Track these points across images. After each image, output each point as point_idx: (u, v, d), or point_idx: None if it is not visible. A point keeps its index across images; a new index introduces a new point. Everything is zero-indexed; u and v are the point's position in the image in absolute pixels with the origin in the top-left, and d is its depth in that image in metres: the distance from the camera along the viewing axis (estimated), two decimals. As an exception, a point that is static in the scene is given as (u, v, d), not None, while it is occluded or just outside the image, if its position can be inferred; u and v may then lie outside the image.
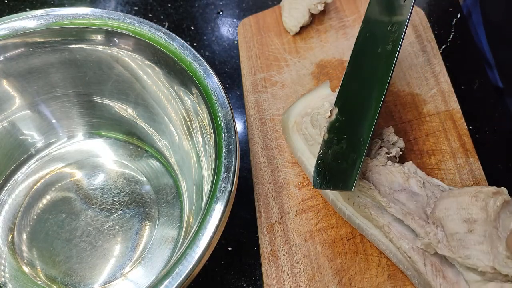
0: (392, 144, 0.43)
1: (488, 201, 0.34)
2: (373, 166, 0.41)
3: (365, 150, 0.39)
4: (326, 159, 0.42)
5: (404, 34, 0.41)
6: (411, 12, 0.41)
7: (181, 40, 0.41)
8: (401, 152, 0.43)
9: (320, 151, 0.43)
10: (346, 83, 0.44)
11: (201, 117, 0.40)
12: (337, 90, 0.45)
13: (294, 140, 0.47)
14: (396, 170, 0.41)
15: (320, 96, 0.48)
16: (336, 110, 0.43)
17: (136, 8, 0.63)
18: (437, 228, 0.36)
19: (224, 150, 0.36)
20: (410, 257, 0.38)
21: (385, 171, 0.41)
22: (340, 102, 0.44)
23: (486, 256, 0.33)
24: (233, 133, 0.36)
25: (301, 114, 0.48)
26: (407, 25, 0.41)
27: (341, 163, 0.41)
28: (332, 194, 0.44)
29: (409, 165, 0.42)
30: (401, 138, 0.44)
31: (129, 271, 0.43)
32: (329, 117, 0.43)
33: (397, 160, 0.43)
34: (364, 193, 0.41)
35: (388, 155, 0.42)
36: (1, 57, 0.42)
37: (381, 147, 0.43)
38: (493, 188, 0.35)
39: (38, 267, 0.43)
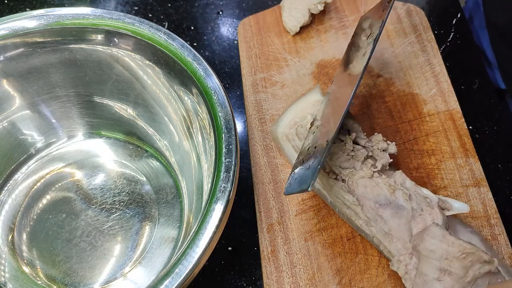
0: (383, 151, 0.42)
1: (474, 264, 0.34)
2: (359, 179, 0.41)
3: (327, 149, 0.38)
4: (296, 166, 0.42)
5: (380, 33, 0.42)
6: (389, 11, 0.42)
7: (181, 40, 0.41)
8: (391, 160, 0.42)
9: (296, 160, 0.43)
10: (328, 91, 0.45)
11: (201, 117, 0.40)
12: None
13: (285, 149, 0.47)
14: (382, 182, 0.40)
15: (310, 103, 0.48)
16: (318, 121, 0.43)
17: (136, 8, 0.63)
18: (411, 259, 0.37)
19: (224, 150, 0.36)
20: (398, 269, 0.38)
21: (372, 184, 0.40)
22: (320, 110, 0.44)
23: None
24: (233, 133, 0.36)
25: (290, 124, 0.47)
26: (384, 24, 0.42)
27: (307, 166, 0.40)
28: (330, 197, 0.44)
29: (398, 175, 0.41)
30: (393, 142, 0.43)
31: (129, 271, 0.43)
32: (309, 128, 0.44)
33: (387, 168, 0.42)
34: (349, 208, 0.41)
35: (374, 169, 0.41)
36: (1, 57, 0.42)
37: (368, 157, 0.42)
38: (487, 257, 0.34)
39: (38, 267, 0.43)
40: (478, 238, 0.38)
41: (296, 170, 0.41)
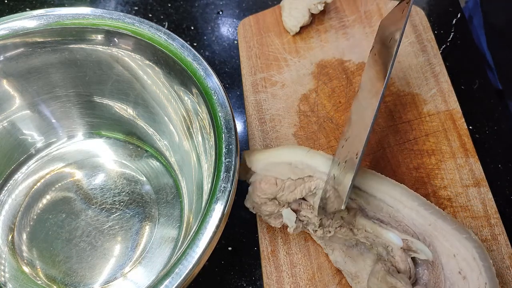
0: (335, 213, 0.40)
1: None
2: (325, 232, 0.41)
3: (357, 165, 0.36)
4: (324, 193, 0.40)
5: (401, 38, 0.40)
6: (407, 17, 0.40)
7: (181, 40, 0.41)
8: (342, 222, 0.40)
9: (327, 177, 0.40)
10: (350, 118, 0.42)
11: (201, 117, 0.40)
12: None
13: None
14: (344, 235, 0.40)
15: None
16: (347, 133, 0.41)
17: (136, 8, 0.63)
18: None
19: (224, 150, 0.36)
20: None
21: (337, 237, 0.41)
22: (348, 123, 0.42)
23: None
24: (233, 133, 0.36)
25: (266, 167, 0.41)
26: (405, 26, 0.40)
27: (338, 182, 0.38)
28: None
29: (358, 222, 0.39)
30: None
31: (129, 271, 0.43)
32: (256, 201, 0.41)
33: (347, 214, 0.40)
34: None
35: (330, 233, 0.40)
36: (1, 57, 0.42)
37: (322, 222, 0.40)
38: None
39: (38, 267, 0.43)
40: (474, 244, 0.37)
41: (328, 187, 0.39)
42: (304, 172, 0.40)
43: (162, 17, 0.62)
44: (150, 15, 0.62)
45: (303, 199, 0.41)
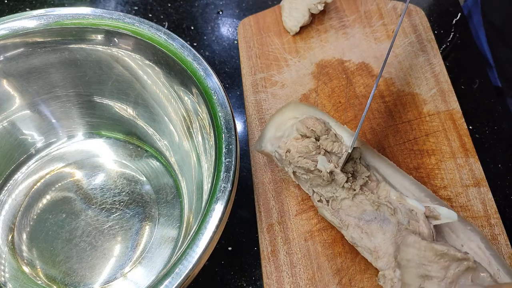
0: (365, 169, 0.42)
1: (451, 263, 0.34)
2: (342, 200, 0.41)
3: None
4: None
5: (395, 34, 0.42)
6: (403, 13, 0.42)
7: (181, 40, 0.41)
8: (366, 180, 0.42)
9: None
10: None
11: (201, 117, 0.40)
12: (301, 121, 0.43)
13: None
14: (366, 199, 0.40)
15: (288, 118, 0.45)
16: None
17: (136, 8, 0.63)
18: (394, 272, 0.37)
19: (224, 150, 0.36)
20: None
21: (355, 202, 0.40)
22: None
23: None
24: (233, 133, 0.36)
25: (271, 141, 0.44)
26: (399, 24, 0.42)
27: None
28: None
29: (381, 188, 0.41)
30: (367, 166, 0.42)
31: (129, 271, 0.43)
32: (285, 159, 0.42)
33: (369, 183, 0.42)
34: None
35: (354, 191, 0.41)
36: (1, 57, 0.42)
37: (348, 179, 0.42)
38: (460, 254, 0.34)
39: (38, 267, 0.43)
40: (478, 236, 0.38)
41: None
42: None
43: (162, 17, 0.62)
44: (150, 15, 0.62)
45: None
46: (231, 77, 0.57)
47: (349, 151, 0.40)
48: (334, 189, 0.41)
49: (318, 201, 0.42)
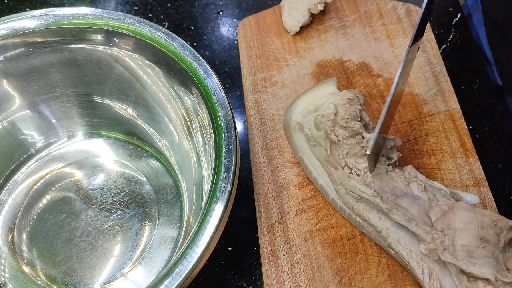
0: (390, 149, 0.43)
1: (503, 230, 0.38)
2: (375, 175, 0.41)
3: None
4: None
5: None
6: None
7: (181, 40, 0.41)
8: (400, 155, 0.43)
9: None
10: None
11: (201, 117, 0.40)
12: (344, 91, 0.44)
13: (295, 139, 0.46)
14: (397, 175, 0.41)
15: (325, 94, 0.46)
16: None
17: (136, 8, 0.63)
18: (444, 236, 0.38)
19: (224, 150, 0.36)
20: (408, 262, 0.39)
21: (387, 178, 0.41)
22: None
23: (492, 267, 0.36)
24: (233, 133, 0.36)
25: (303, 113, 0.46)
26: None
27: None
28: (332, 193, 0.44)
29: (409, 169, 0.42)
30: (398, 136, 0.44)
31: (129, 271, 0.43)
32: (332, 119, 0.43)
33: (397, 164, 0.43)
34: (366, 200, 0.41)
35: (389, 162, 0.42)
36: (1, 57, 0.42)
37: (382, 155, 0.43)
38: None
39: (38, 267, 0.43)
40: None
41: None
42: None
43: (162, 17, 0.62)
44: (150, 15, 0.62)
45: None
46: (231, 77, 0.57)
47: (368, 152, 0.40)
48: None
49: (349, 173, 0.42)
